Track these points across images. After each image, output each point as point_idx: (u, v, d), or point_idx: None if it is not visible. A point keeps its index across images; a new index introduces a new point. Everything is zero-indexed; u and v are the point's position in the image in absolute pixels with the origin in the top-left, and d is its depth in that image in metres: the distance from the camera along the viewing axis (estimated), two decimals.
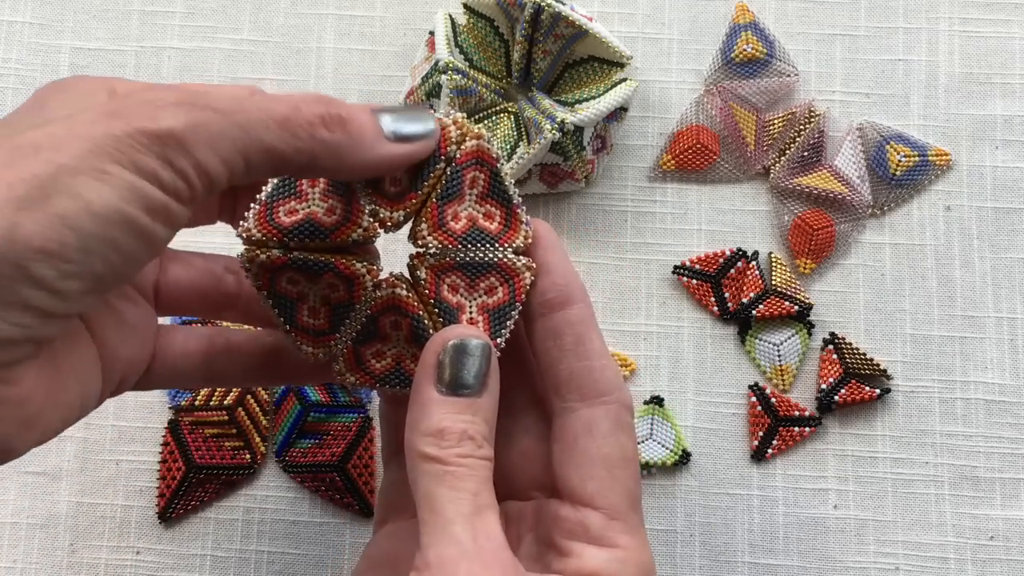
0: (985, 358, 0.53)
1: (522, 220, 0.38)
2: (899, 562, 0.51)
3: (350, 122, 0.33)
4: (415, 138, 0.35)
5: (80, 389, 0.33)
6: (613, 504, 0.34)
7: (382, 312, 0.37)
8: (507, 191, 0.38)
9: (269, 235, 0.36)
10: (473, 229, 0.37)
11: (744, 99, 0.55)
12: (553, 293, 0.36)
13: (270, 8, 0.56)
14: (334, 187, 0.37)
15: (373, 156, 0.34)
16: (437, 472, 0.32)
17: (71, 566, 0.51)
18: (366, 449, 0.51)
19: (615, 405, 0.36)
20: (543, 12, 0.50)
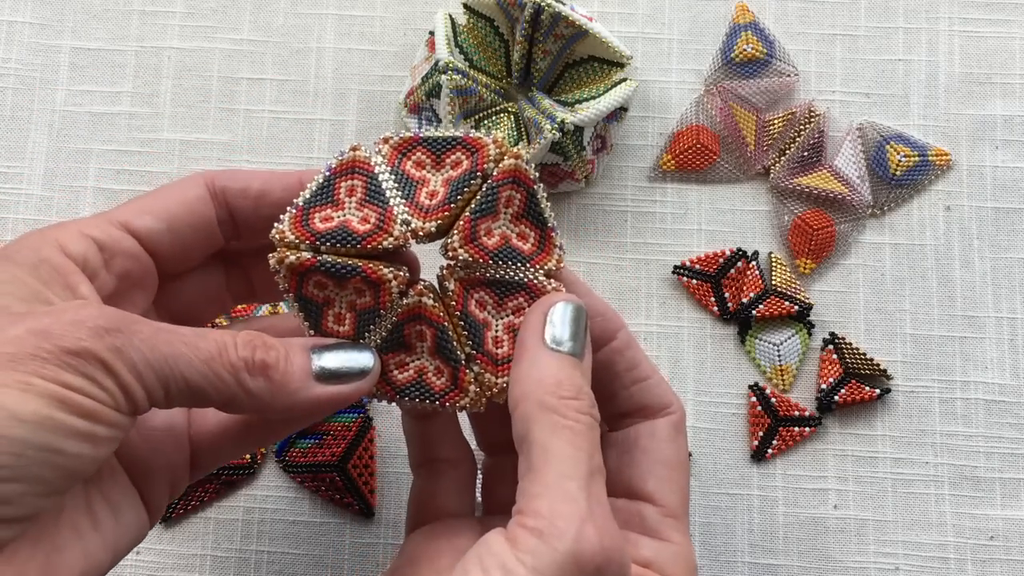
0: (985, 358, 0.53)
1: (556, 244, 0.38)
2: (899, 562, 0.51)
3: (274, 370, 0.34)
4: (348, 378, 0.36)
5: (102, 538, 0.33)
6: (669, 502, 0.36)
7: (408, 320, 0.37)
8: (542, 213, 0.38)
9: (302, 238, 0.36)
10: (505, 247, 0.38)
11: (744, 99, 0.55)
12: (597, 330, 0.37)
13: (270, 8, 0.56)
14: (371, 197, 0.38)
15: (295, 402, 0.34)
16: (555, 423, 0.32)
17: None
18: (366, 449, 0.51)
19: (676, 414, 0.38)
20: (543, 12, 0.50)
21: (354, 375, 0.36)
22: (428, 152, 0.39)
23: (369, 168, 0.38)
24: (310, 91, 0.55)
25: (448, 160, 0.39)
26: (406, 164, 0.39)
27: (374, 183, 0.38)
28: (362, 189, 0.38)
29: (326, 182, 0.38)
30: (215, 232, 0.38)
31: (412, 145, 0.39)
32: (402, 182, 0.38)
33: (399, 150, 0.39)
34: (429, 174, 0.39)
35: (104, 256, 0.35)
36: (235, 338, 0.33)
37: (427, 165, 0.39)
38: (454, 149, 0.38)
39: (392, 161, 0.39)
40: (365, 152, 0.39)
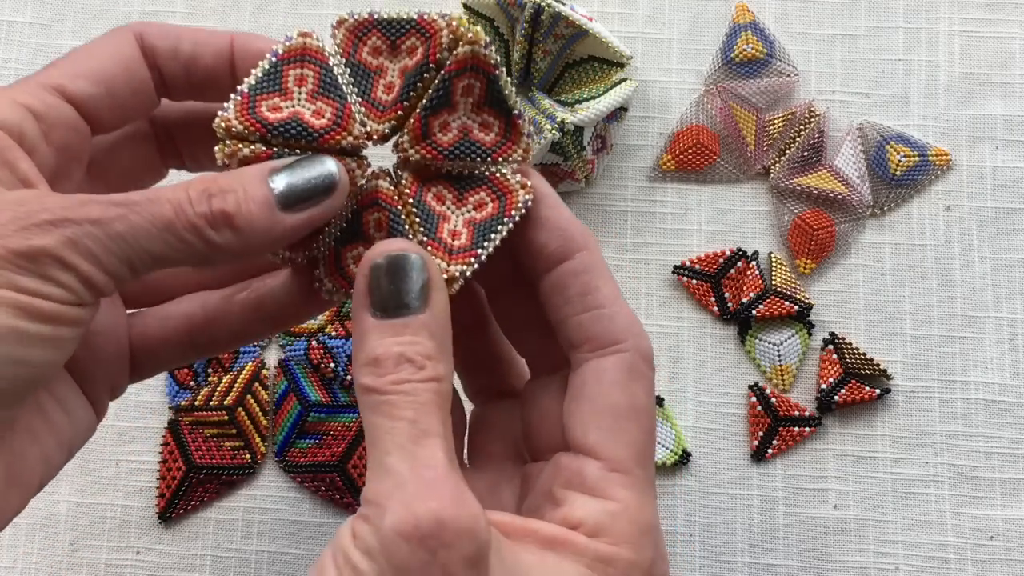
0: (985, 358, 0.53)
1: (523, 133, 0.36)
2: (899, 562, 0.51)
3: (236, 217, 0.32)
4: (316, 197, 0.33)
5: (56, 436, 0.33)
6: (615, 455, 0.32)
7: (366, 208, 0.35)
8: (506, 101, 0.36)
9: (252, 128, 0.34)
10: (464, 141, 0.36)
11: (744, 99, 0.55)
12: (553, 245, 0.34)
13: (270, 8, 0.56)
14: (324, 89, 0.35)
15: (265, 241, 0.32)
16: (374, 402, 0.30)
17: (71, 566, 0.51)
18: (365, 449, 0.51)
19: (628, 353, 0.33)
20: (543, 12, 0.50)
21: (321, 191, 0.33)
22: (383, 37, 0.37)
23: (322, 58, 0.36)
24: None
25: (404, 46, 0.36)
26: (362, 52, 0.37)
27: (328, 74, 0.36)
28: (314, 80, 0.36)
29: (272, 68, 0.35)
30: (152, 94, 0.35)
31: (367, 29, 0.37)
32: (358, 73, 0.36)
33: (354, 34, 0.37)
34: (386, 61, 0.37)
35: (42, 127, 0.32)
36: (188, 191, 0.31)
37: (384, 52, 0.37)
38: (409, 33, 0.36)
39: (347, 49, 0.37)
40: (317, 40, 0.36)
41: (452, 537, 0.27)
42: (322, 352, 0.52)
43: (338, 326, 0.52)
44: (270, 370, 0.52)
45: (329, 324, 0.52)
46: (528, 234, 0.34)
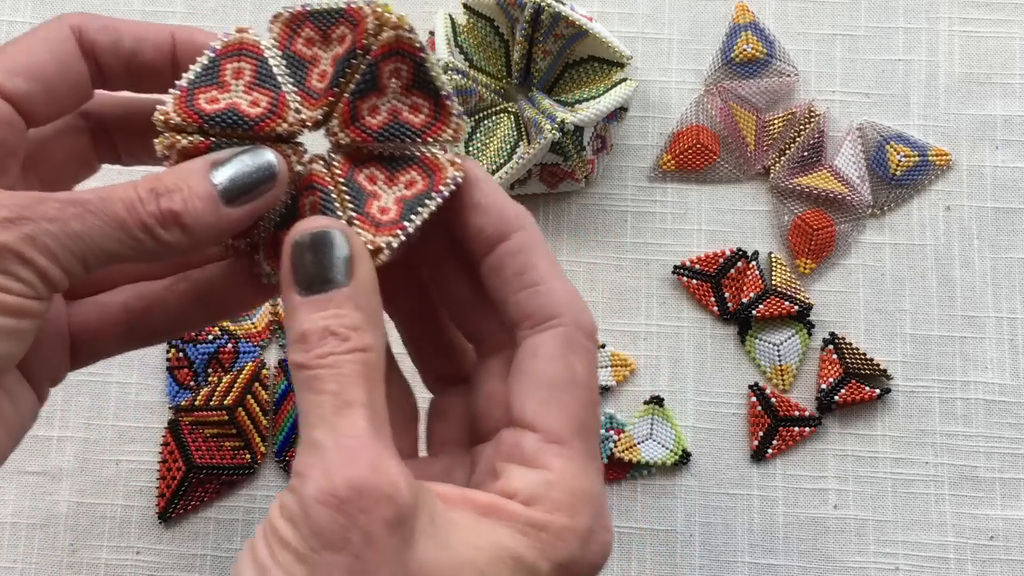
0: (985, 358, 0.53)
1: (452, 113, 0.37)
2: (899, 562, 0.51)
3: (184, 215, 0.33)
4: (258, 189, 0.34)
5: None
6: (552, 427, 0.32)
7: (302, 192, 0.37)
8: (434, 82, 0.37)
9: (189, 120, 0.35)
10: (393, 123, 0.37)
11: (744, 99, 0.55)
12: (490, 228, 0.34)
13: (270, 8, 0.56)
14: (261, 80, 0.37)
15: (213, 235, 0.34)
16: (303, 379, 0.30)
17: (71, 566, 0.51)
18: None
19: (565, 327, 0.33)
20: (543, 12, 0.50)
21: (262, 183, 0.34)
22: (316, 28, 0.38)
23: (258, 51, 0.38)
24: None
25: (335, 35, 0.38)
26: (297, 43, 0.38)
27: (264, 67, 0.37)
28: (251, 72, 0.37)
29: (211, 63, 0.37)
30: (88, 87, 0.36)
31: (301, 21, 0.38)
32: (293, 64, 0.38)
33: (289, 27, 0.38)
34: (320, 51, 0.38)
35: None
36: (137, 190, 0.32)
37: (317, 42, 0.38)
38: (339, 22, 0.38)
39: (283, 42, 0.38)
40: (254, 35, 0.38)
41: (370, 502, 0.28)
42: None
43: None
44: (270, 370, 0.52)
45: None
46: (466, 218, 0.35)
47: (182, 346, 0.52)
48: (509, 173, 0.51)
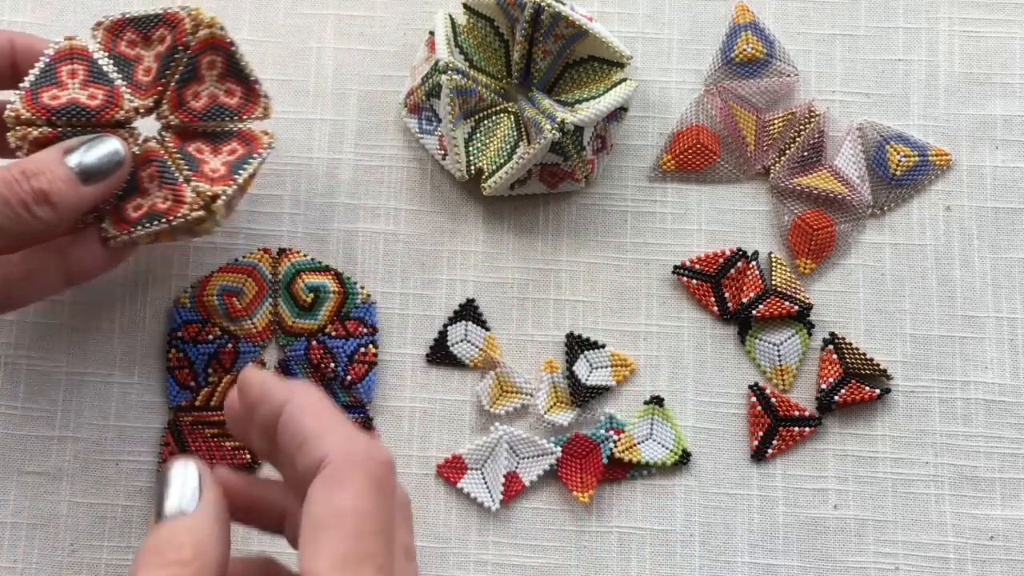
0: (985, 358, 0.53)
1: (261, 95, 0.46)
2: (899, 562, 0.51)
3: (51, 195, 0.40)
4: (107, 171, 0.42)
5: None
6: (312, 568, 0.31)
7: (140, 166, 0.45)
8: (243, 71, 0.46)
9: (38, 114, 0.43)
10: (214, 105, 0.46)
11: (744, 99, 0.55)
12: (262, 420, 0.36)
13: (270, 8, 0.56)
14: (94, 78, 0.45)
15: (75, 211, 0.41)
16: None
17: (71, 566, 0.51)
18: None
19: (330, 464, 0.33)
20: (543, 12, 0.50)
21: (113, 166, 0.42)
22: (136, 31, 0.46)
23: (87, 54, 0.45)
24: (310, 91, 0.55)
25: (155, 36, 0.46)
26: (120, 45, 0.46)
27: (95, 66, 0.45)
28: (84, 72, 0.45)
29: (47, 67, 0.44)
30: None
31: (122, 26, 0.46)
32: (120, 63, 0.46)
33: (111, 32, 0.46)
34: (142, 51, 0.46)
35: None
36: (11, 172, 0.38)
37: (138, 43, 0.46)
38: (158, 26, 0.46)
39: (107, 45, 0.46)
40: (81, 41, 0.45)
41: None
42: (322, 352, 0.52)
43: (338, 326, 0.52)
44: (270, 370, 0.52)
45: (329, 324, 0.52)
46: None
47: (182, 346, 0.52)
48: (509, 173, 0.51)
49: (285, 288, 0.53)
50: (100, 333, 0.53)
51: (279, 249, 0.53)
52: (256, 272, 0.53)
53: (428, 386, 0.52)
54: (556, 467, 0.51)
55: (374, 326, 0.52)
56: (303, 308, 0.52)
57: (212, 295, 0.52)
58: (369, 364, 0.52)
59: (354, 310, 0.52)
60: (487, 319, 0.53)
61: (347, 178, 0.54)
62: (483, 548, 0.51)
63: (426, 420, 0.52)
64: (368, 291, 0.53)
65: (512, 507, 0.51)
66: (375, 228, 0.54)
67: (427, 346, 0.53)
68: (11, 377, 0.52)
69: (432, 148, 0.53)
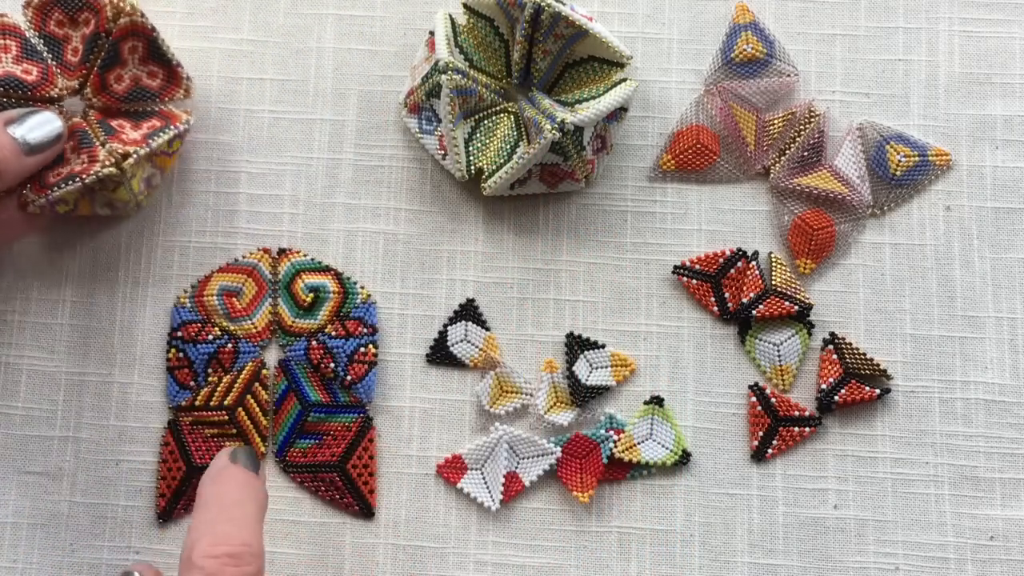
0: (985, 358, 0.53)
1: (183, 77, 0.49)
2: (899, 562, 0.51)
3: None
4: (49, 144, 0.46)
5: None
6: None
7: (68, 139, 0.47)
8: (165, 55, 0.49)
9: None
10: (136, 88, 0.49)
11: (744, 99, 0.55)
12: None
13: (270, 8, 0.56)
14: (27, 54, 0.48)
15: (18, 179, 0.45)
16: None
17: (71, 566, 0.51)
18: (366, 449, 0.51)
19: None
20: (543, 12, 0.50)
21: (54, 140, 0.46)
22: (63, 12, 0.48)
23: (20, 31, 0.48)
24: (310, 91, 0.55)
25: (80, 18, 0.48)
26: (50, 24, 0.48)
27: (27, 44, 0.48)
28: (16, 48, 0.48)
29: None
30: None
31: (51, 6, 0.48)
32: (50, 43, 0.48)
33: (41, 12, 0.48)
34: (70, 31, 0.48)
35: None
36: None
37: (66, 23, 0.48)
38: (83, 8, 0.48)
39: (37, 24, 0.48)
40: (12, 19, 0.48)
41: None
42: (322, 352, 0.52)
43: (338, 326, 0.52)
44: (270, 370, 0.52)
45: (329, 324, 0.52)
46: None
47: (182, 346, 0.52)
48: (509, 173, 0.51)
49: (285, 288, 0.53)
50: (100, 333, 0.53)
51: (279, 249, 0.53)
52: (256, 272, 0.53)
53: (428, 386, 0.52)
54: (556, 467, 0.51)
55: (374, 326, 0.52)
56: (303, 308, 0.52)
57: (212, 295, 0.52)
58: (369, 364, 0.52)
59: (354, 310, 0.52)
60: (487, 319, 0.53)
61: (347, 178, 0.54)
62: (483, 548, 0.51)
63: (426, 420, 0.52)
64: (368, 291, 0.53)
65: (512, 507, 0.51)
66: (375, 228, 0.54)
67: (427, 346, 0.53)
68: (11, 377, 0.52)
69: (432, 148, 0.53)
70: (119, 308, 0.53)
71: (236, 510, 0.40)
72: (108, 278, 0.53)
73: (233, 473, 0.42)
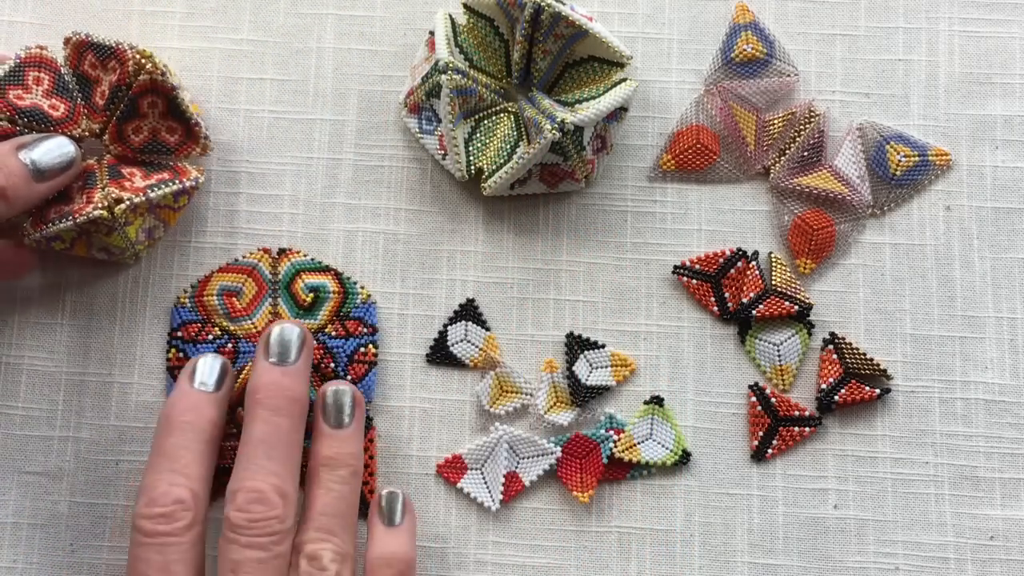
0: (985, 358, 0.53)
1: (201, 135, 0.49)
2: (899, 562, 0.51)
3: (7, 190, 0.42)
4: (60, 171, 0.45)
5: None
6: None
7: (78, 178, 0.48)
8: (184, 113, 0.49)
9: (5, 110, 0.47)
10: (152, 141, 0.49)
11: (744, 99, 0.55)
12: None
13: (270, 8, 0.56)
14: (58, 90, 0.48)
15: (26, 207, 0.44)
16: None
17: (71, 566, 0.51)
18: (365, 449, 0.51)
19: None
20: (543, 12, 0.50)
21: (65, 166, 0.45)
22: (95, 56, 0.48)
23: (55, 66, 0.49)
24: (310, 91, 0.55)
25: (109, 65, 0.48)
26: (84, 64, 0.49)
27: (61, 80, 0.49)
28: (49, 82, 0.48)
29: (17, 67, 0.48)
30: None
31: (86, 47, 0.49)
32: (82, 82, 0.49)
33: (77, 50, 0.49)
34: (101, 74, 0.49)
35: None
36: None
37: (98, 66, 0.49)
38: (111, 56, 0.48)
39: (73, 61, 0.49)
40: (51, 52, 0.49)
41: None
42: (322, 352, 0.52)
43: (338, 326, 0.52)
44: None
45: (329, 324, 0.52)
46: None
47: (183, 346, 0.52)
48: (509, 173, 0.51)
49: (285, 288, 0.53)
50: (100, 333, 0.53)
51: (279, 249, 0.53)
52: (256, 272, 0.53)
53: (428, 386, 0.52)
54: (556, 467, 0.51)
55: (374, 326, 0.52)
56: (303, 308, 0.52)
57: (212, 295, 0.52)
58: (369, 364, 0.52)
59: (354, 310, 0.52)
60: (487, 319, 0.53)
61: (347, 178, 0.54)
62: (483, 548, 0.51)
63: (426, 420, 0.52)
64: (368, 291, 0.53)
65: (512, 507, 0.51)
66: (375, 228, 0.54)
67: (427, 346, 0.53)
68: (11, 377, 0.52)
69: (432, 148, 0.53)
70: (119, 308, 0.53)
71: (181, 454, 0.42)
72: (108, 278, 0.53)
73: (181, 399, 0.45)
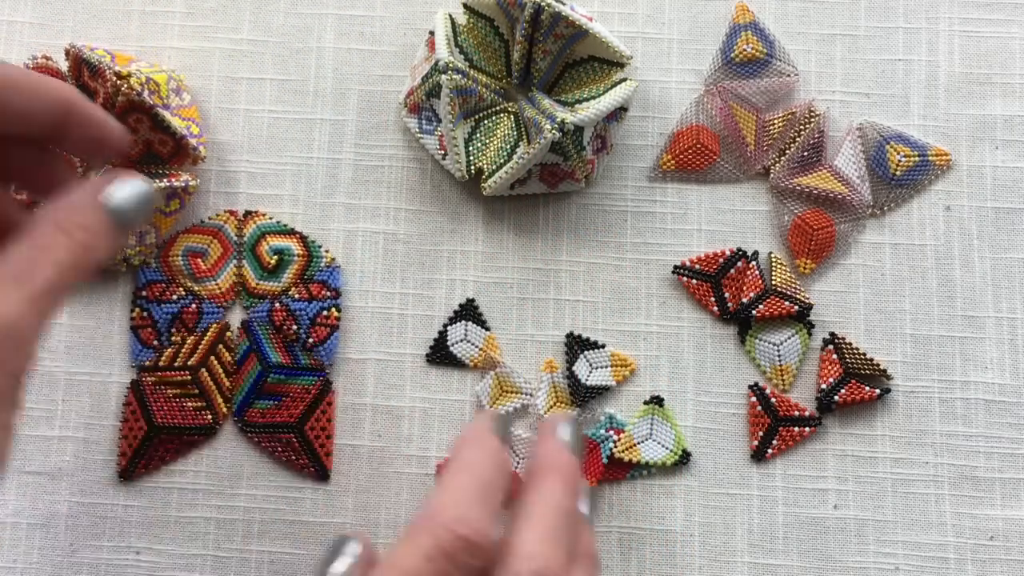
0: (985, 358, 0.53)
1: (191, 147, 0.51)
2: (899, 562, 0.51)
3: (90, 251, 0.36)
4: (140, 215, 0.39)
5: None
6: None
7: None
8: (170, 128, 0.50)
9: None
10: (147, 153, 0.51)
11: (744, 99, 0.55)
12: None
13: (270, 8, 0.56)
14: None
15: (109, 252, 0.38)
16: None
17: (71, 566, 0.51)
18: (324, 412, 0.51)
19: None
20: (543, 12, 0.50)
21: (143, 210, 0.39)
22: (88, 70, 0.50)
23: (61, 76, 0.51)
24: (310, 91, 0.55)
25: (98, 82, 0.49)
26: (84, 76, 0.50)
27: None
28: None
29: None
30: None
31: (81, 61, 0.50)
32: (85, 92, 0.48)
33: (76, 63, 0.50)
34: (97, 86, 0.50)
35: None
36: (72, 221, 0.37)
37: (94, 79, 0.50)
38: (97, 73, 0.49)
39: (75, 73, 0.51)
40: (55, 62, 0.51)
41: None
42: (285, 314, 0.52)
43: (302, 288, 0.52)
44: (234, 332, 0.52)
45: (293, 287, 0.52)
46: None
47: (147, 306, 0.52)
48: (509, 173, 0.51)
49: (250, 250, 0.53)
50: (100, 333, 0.53)
51: (245, 211, 0.54)
52: (221, 233, 0.53)
53: (428, 386, 0.52)
54: None
55: (337, 290, 0.52)
56: (267, 270, 0.52)
57: (177, 255, 0.52)
58: (331, 328, 0.52)
59: (318, 274, 0.53)
60: (487, 319, 0.53)
61: (347, 178, 0.54)
62: None
63: (426, 420, 0.52)
64: (332, 255, 0.53)
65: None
66: (375, 228, 0.54)
67: (427, 346, 0.53)
68: None
69: (432, 148, 0.53)
70: (119, 308, 0.53)
71: (490, 492, 0.37)
72: (108, 278, 0.53)
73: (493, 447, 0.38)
